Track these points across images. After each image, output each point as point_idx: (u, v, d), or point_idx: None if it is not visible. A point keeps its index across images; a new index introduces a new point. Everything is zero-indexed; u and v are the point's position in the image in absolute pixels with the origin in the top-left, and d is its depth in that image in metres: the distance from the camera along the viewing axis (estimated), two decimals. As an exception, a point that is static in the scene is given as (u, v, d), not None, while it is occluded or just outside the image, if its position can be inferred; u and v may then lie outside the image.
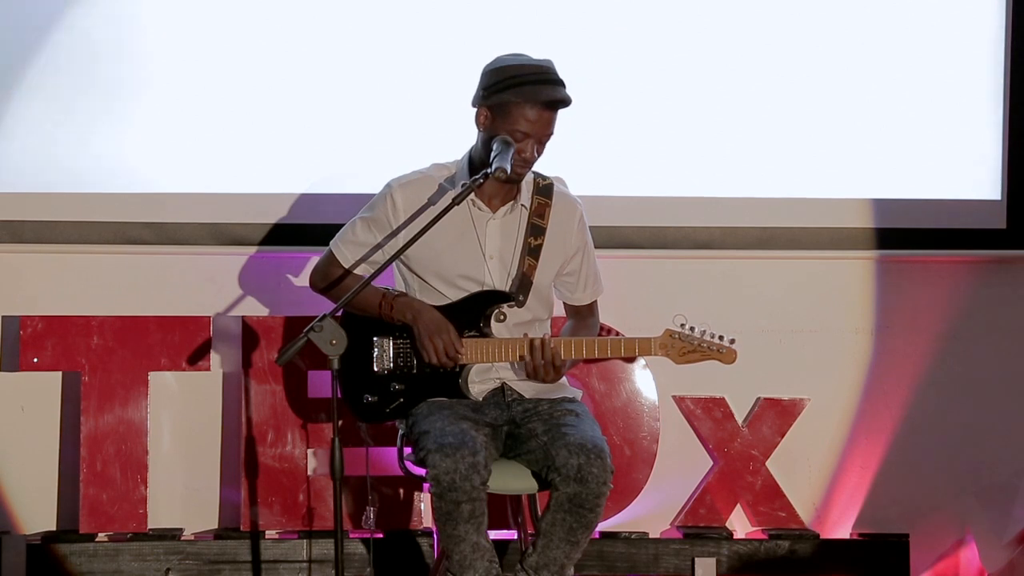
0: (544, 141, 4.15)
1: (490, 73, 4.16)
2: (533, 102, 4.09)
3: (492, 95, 4.12)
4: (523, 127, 4.10)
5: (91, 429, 4.95)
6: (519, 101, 4.10)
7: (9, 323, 5.06)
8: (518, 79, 4.10)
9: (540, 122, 4.11)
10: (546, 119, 4.12)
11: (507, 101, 4.10)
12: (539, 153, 4.17)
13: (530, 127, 4.10)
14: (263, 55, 5.02)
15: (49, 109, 4.99)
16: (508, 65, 4.15)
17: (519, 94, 4.09)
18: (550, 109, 4.12)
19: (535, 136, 4.12)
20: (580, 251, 4.36)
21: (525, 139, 4.11)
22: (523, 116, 4.10)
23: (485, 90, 4.15)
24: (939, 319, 5.28)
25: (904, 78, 5.19)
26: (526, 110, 4.10)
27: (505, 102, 4.10)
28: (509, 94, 4.10)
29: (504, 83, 4.11)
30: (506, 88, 4.10)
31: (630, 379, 5.08)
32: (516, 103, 4.10)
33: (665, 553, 5.03)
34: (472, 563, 4.05)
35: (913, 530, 5.14)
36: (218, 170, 5.03)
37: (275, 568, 4.92)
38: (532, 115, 4.10)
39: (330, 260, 4.35)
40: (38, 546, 4.90)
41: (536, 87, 4.10)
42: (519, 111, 4.10)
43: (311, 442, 4.99)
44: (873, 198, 5.19)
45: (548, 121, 4.13)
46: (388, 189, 4.29)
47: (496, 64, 4.18)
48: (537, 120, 4.11)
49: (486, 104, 4.14)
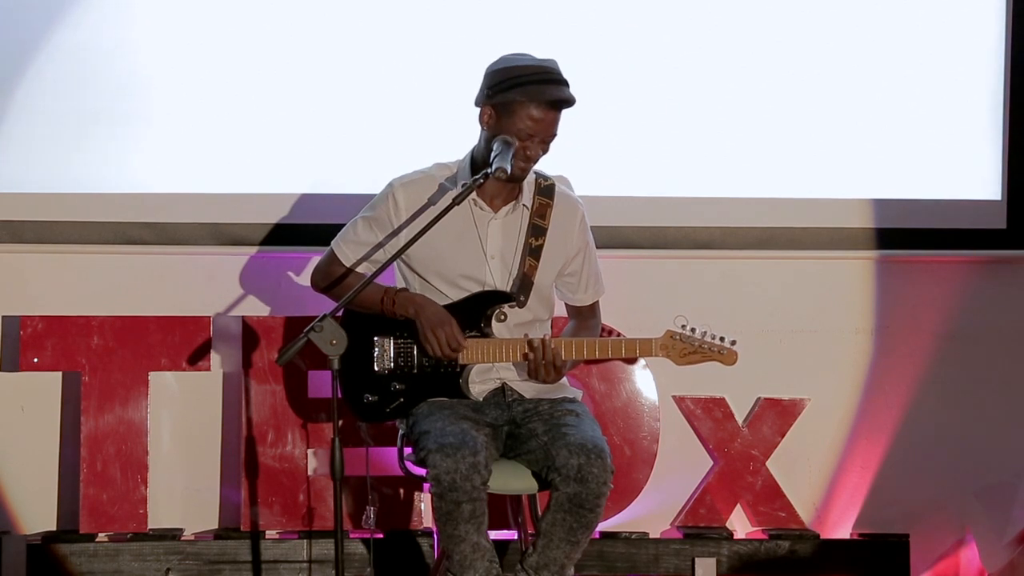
0: (548, 141, 4.15)
1: (494, 73, 4.16)
2: (538, 102, 4.09)
3: (496, 94, 4.12)
4: (528, 126, 4.10)
5: (91, 429, 4.95)
6: (524, 100, 4.09)
7: (9, 323, 5.06)
8: (523, 78, 4.10)
9: (545, 121, 4.11)
10: (551, 119, 4.12)
11: (512, 100, 4.10)
12: (543, 152, 4.17)
13: (534, 127, 4.10)
14: (263, 56, 5.02)
15: (49, 109, 4.99)
16: (513, 65, 4.15)
17: (524, 93, 4.09)
18: (554, 109, 4.12)
19: (539, 136, 4.12)
20: (581, 252, 4.36)
21: (529, 138, 4.11)
22: (528, 115, 4.10)
23: (489, 89, 4.15)
24: (939, 319, 5.28)
25: (904, 78, 5.18)
26: (531, 109, 4.10)
27: (509, 101, 4.10)
28: (514, 93, 4.10)
29: (509, 82, 4.11)
30: (511, 87, 4.10)
31: (630, 379, 5.08)
32: (521, 102, 4.10)
33: (665, 553, 5.03)
34: (472, 563, 4.05)
35: (913, 530, 5.13)
36: (218, 170, 5.03)
37: (275, 568, 4.92)
38: (537, 114, 4.10)
39: (331, 259, 4.35)
40: (38, 546, 4.90)
41: (541, 87, 4.10)
42: (524, 110, 4.10)
43: (311, 442, 4.99)
44: (873, 198, 5.19)
45: (552, 121, 4.13)
46: (390, 188, 4.29)
47: (500, 64, 4.18)
48: (542, 119, 4.11)
49: (490, 103, 4.14)
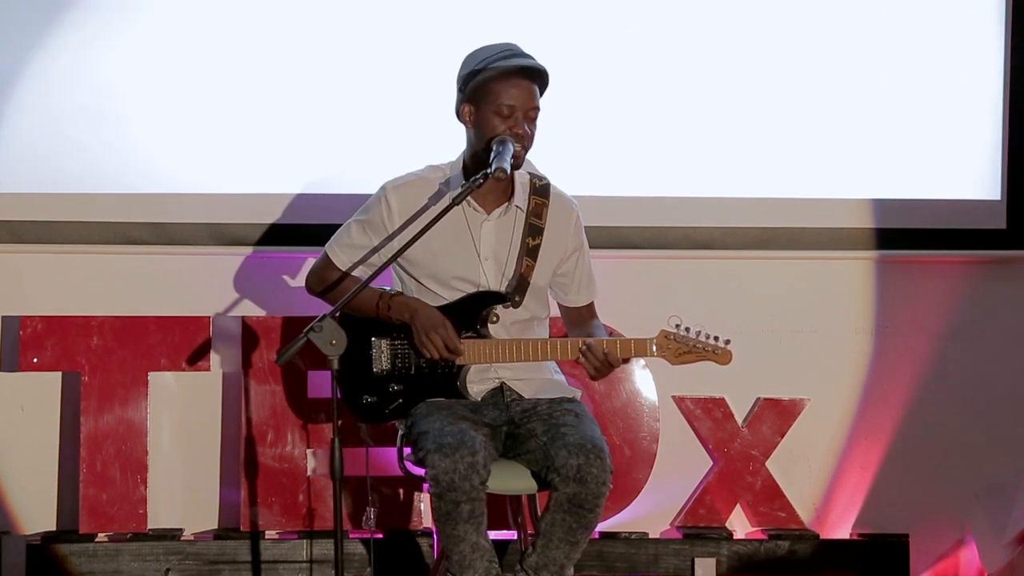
0: (532, 116, 4.15)
1: (462, 73, 4.20)
2: (507, 73, 4.11)
3: (467, 84, 4.15)
4: (505, 99, 4.11)
5: (91, 429, 4.95)
6: (494, 76, 4.11)
7: (9, 323, 5.06)
8: (487, 60, 4.14)
9: (520, 93, 4.12)
10: (526, 88, 4.13)
11: (482, 82, 4.12)
12: (531, 131, 4.16)
13: (511, 98, 4.11)
14: (262, 56, 5.02)
15: (49, 109, 4.99)
16: (473, 55, 4.19)
17: (492, 71, 4.12)
18: (527, 78, 4.13)
19: (520, 108, 4.12)
20: (576, 252, 4.35)
21: (512, 112, 4.12)
22: (501, 90, 4.11)
23: (461, 85, 4.18)
24: (939, 319, 5.28)
25: (904, 78, 5.18)
26: (502, 83, 4.11)
27: (480, 84, 4.12)
28: (481, 76, 4.12)
29: (475, 69, 4.14)
30: (478, 72, 4.13)
31: (630, 379, 5.08)
32: (492, 79, 4.11)
33: (665, 553, 5.03)
34: (472, 563, 4.05)
35: (913, 530, 5.13)
36: (217, 170, 5.03)
37: (275, 568, 4.93)
38: (509, 86, 4.11)
39: (325, 263, 4.35)
40: (38, 546, 4.91)
41: (505, 60, 4.13)
42: (496, 86, 4.11)
43: (311, 442, 4.99)
44: (873, 198, 5.18)
45: (529, 92, 4.14)
46: (382, 191, 4.29)
47: (464, 62, 4.22)
48: (516, 91, 4.12)
49: (466, 99, 4.17)
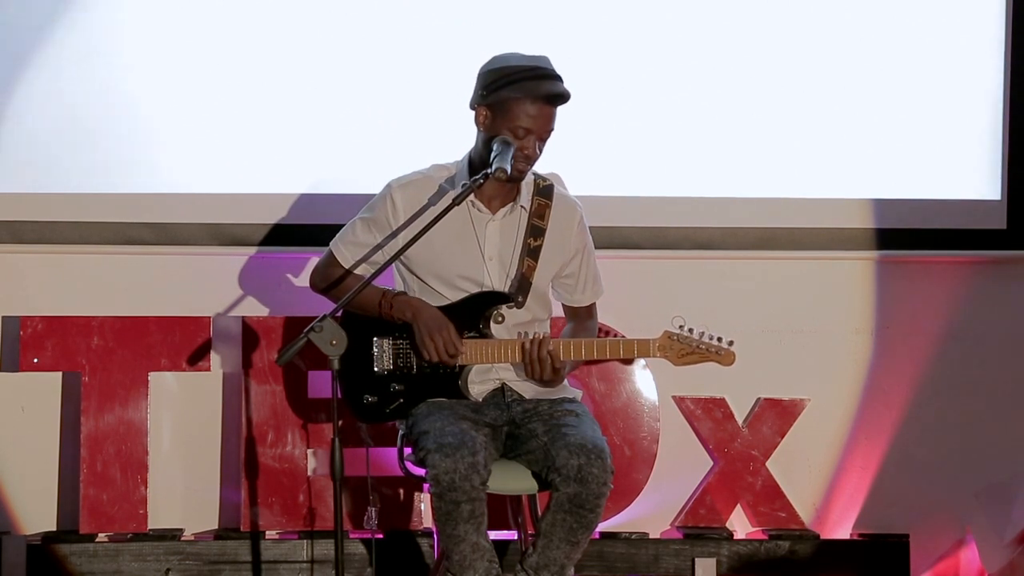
0: (545, 137, 4.15)
1: (488, 73, 4.16)
2: (533, 97, 4.09)
3: (491, 93, 4.12)
4: (524, 123, 4.10)
5: (91, 429, 4.95)
6: (519, 97, 4.09)
7: (9, 323, 5.06)
8: (516, 76, 4.10)
9: (541, 117, 4.11)
10: (546, 114, 4.12)
11: (507, 98, 4.10)
12: (540, 150, 4.17)
13: (531, 123, 4.10)
14: (263, 56, 5.02)
15: (49, 109, 4.99)
16: (505, 64, 4.14)
17: (518, 90, 4.09)
18: (550, 104, 4.12)
19: (536, 132, 4.12)
20: (580, 253, 4.35)
21: (527, 135, 4.11)
22: (524, 112, 4.09)
23: (484, 89, 4.14)
24: (939, 319, 5.28)
25: (904, 78, 5.18)
26: (526, 106, 4.09)
27: (504, 99, 4.10)
28: (508, 91, 4.09)
29: (502, 80, 4.10)
30: (505, 85, 4.10)
31: (630, 379, 5.08)
32: (516, 99, 4.09)
33: (665, 553, 5.03)
34: (472, 563, 4.05)
35: (913, 530, 5.14)
36: (218, 170, 5.03)
37: (275, 568, 4.92)
38: (532, 110, 4.10)
39: (330, 261, 4.35)
40: (38, 546, 4.91)
41: (535, 82, 4.10)
42: (519, 107, 4.09)
43: (311, 442, 4.99)
44: (873, 198, 5.18)
45: (548, 116, 4.13)
46: (388, 190, 4.29)
47: (493, 64, 4.17)
48: (538, 115, 4.10)
49: (485, 103, 4.14)
